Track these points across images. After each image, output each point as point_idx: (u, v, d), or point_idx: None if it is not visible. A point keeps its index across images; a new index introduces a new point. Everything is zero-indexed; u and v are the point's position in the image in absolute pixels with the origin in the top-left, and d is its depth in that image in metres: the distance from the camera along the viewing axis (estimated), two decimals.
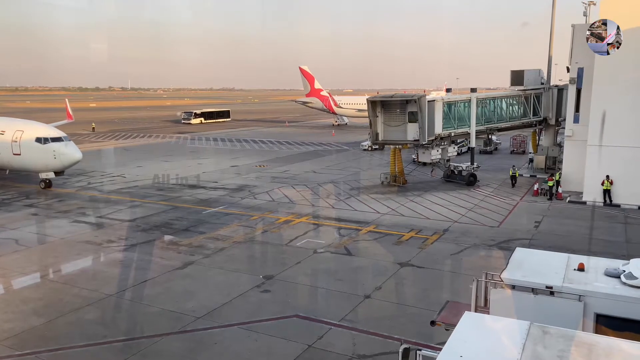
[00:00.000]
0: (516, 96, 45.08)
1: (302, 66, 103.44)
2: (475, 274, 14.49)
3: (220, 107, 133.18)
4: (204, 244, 26.36)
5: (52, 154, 37.98)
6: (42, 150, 37.95)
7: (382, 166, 48.58)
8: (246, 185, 41.52)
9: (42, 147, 37.89)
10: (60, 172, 39.87)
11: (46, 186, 39.64)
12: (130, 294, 20.32)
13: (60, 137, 38.81)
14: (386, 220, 31.11)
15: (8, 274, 22.56)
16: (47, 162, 38.35)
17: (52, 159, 38.09)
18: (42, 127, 40.42)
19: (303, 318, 18.07)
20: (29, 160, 38.72)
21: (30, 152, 38.27)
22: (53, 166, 38.67)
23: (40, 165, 38.75)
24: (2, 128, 39.90)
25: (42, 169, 38.93)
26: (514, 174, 40.40)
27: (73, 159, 38.77)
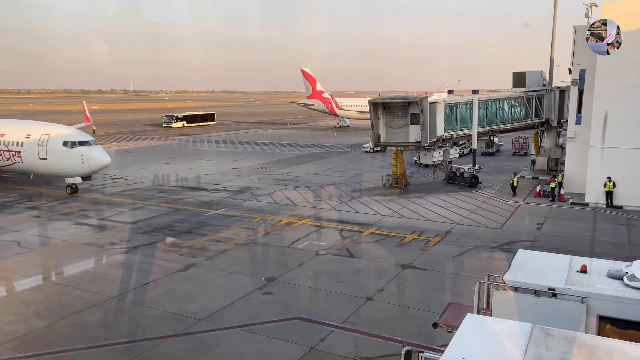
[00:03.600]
0: (518, 98, 45.03)
1: (304, 68, 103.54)
2: (477, 275, 14.47)
3: (205, 110, 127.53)
4: (206, 246, 26.36)
5: (79, 158, 36.54)
6: (70, 155, 36.56)
7: (384, 168, 48.56)
8: (248, 187, 41.53)
9: (70, 151, 36.50)
10: (87, 177, 38.43)
11: (72, 191, 38.36)
12: (132, 296, 20.32)
13: (88, 141, 37.45)
14: (388, 222, 31.07)
15: (10, 276, 22.58)
16: (74, 167, 36.95)
17: (80, 163, 36.65)
18: (68, 131, 39.13)
19: (305, 320, 18.04)
20: (56, 165, 37.39)
21: (57, 157, 36.95)
22: (80, 171, 37.21)
23: (68, 170, 37.32)
24: (28, 131, 38.89)
25: (69, 173, 37.49)
26: (513, 182, 38.36)
27: (101, 164, 37.34)
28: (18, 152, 38.71)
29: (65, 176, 38.03)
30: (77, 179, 37.88)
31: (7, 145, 39.42)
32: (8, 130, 40.52)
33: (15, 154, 38.90)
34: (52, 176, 40.15)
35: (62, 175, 38.41)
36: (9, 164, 39.91)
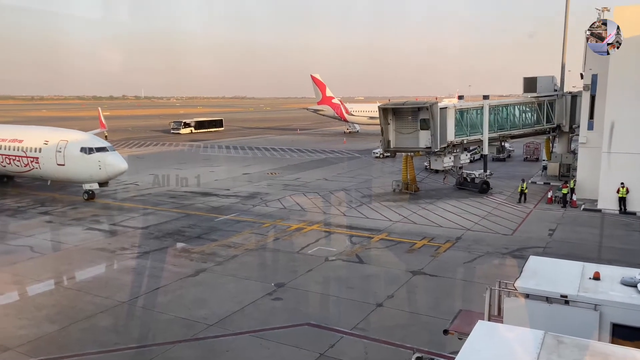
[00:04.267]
0: (529, 103, 44.77)
1: (313, 74, 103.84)
2: (488, 282, 14.36)
3: (214, 116, 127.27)
4: (216, 252, 26.43)
5: (97, 165, 36.62)
6: (87, 161, 36.63)
7: (394, 174, 48.44)
8: (258, 193, 41.63)
9: (87, 157, 36.57)
10: (104, 183, 38.57)
11: (89, 197, 38.54)
12: (143, 301, 20.41)
13: (105, 147, 37.62)
14: (398, 228, 30.96)
15: (23, 280, 22.79)
16: (92, 173, 37.03)
17: (97, 169, 36.73)
18: (86, 137, 39.38)
19: (314, 326, 18.00)
20: (74, 171, 37.45)
21: (74, 163, 37.00)
22: (98, 177, 37.35)
23: (85, 176, 37.43)
24: (46, 138, 39.08)
25: (87, 179, 37.60)
26: (523, 189, 37.65)
27: (118, 170, 37.45)
28: (36, 158, 38.92)
29: (83, 182, 38.13)
30: (94, 185, 38.00)
31: (25, 152, 39.62)
32: (26, 137, 40.79)
33: (33, 160, 39.12)
34: (70, 182, 40.30)
35: (79, 182, 38.52)
36: (27, 170, 40.15)
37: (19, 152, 39.98)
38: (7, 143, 40.89)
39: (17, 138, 40.82)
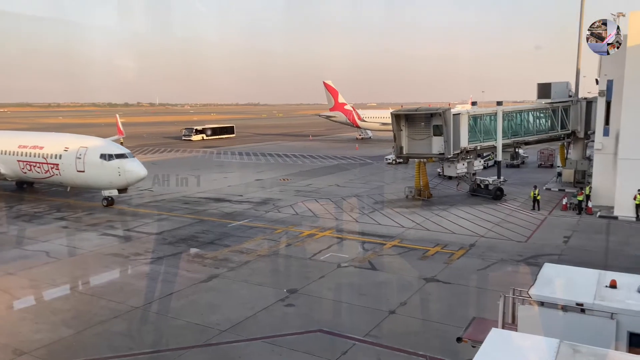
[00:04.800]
0: (543, 109, 44.42)
1: (326, 81, 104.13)
2: (502, 290, 14.23)
3: (226, 123, 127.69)
4: (229, 257, 26.54)
5: (116, 171, 36.79)
6: (107, 167, 36.80)
7: (407, 180, 48.29)
8: (270, 199, 41.75)
9: (107, 163, 36.76)
10: (123, 190, 38.69)
11: (108, 204, 38.75)
12: (156, 307, 20.55)
13: (125, 154, 37.84)
14: (411, 234, 30.83)
15: (39, 285, 23.09)
16: (111, 179, 37.19)
17: (117, 176, 36.90)
18: (106, 144, 39.77)
19: (327, 333, 17.97)
20: (93, 177, 37.62)
21: (94, 169, 37.16)
22: (117, 183, 37.53)
23: (105, 183, 37.62)
24: (66, 144, 39.46)
25: (106, 186, 37.80)
26: (535, 196, 36.96)
27: (138, 176, 37.53)
28: (56, 164, 39.20)
29: (102, 189, 38.32)
30: (114, 192, 38.15)
31: (45, 158, 39.96)
32: (47, 143, 41.18)
33: (53, 166, 39.45)
34: (89, 188, 40.64)
35: (99, 188, 38.72)
36: (47, 176, 40.51)
37: (39, 158, 40.35)
38: (28, 150, 41.34)
39: (37, 145, 41.23)
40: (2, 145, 43.50)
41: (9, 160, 42.26)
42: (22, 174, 42.61)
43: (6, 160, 42.51)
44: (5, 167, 42.63)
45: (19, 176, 43.40)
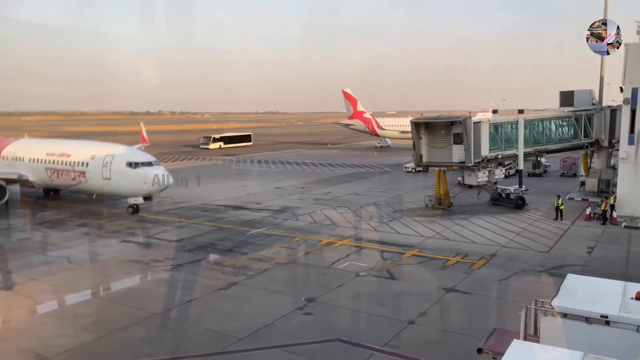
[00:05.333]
0: (566, 117, 43.79)
1: (345, 89, 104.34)
2: (524, 300, 13.98)
3: (241, 131, 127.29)
4: (247, 265, 26.61)
5: (142, 179, 36.84)
6: (133, 175, 36.88)
7: (426, 188, 47.94)
8: (289, 207, 41.83)
9: (133, 171, 36.81)
10: (149, 198, 38.65)
11: (134, 212, 38.75)
12: (176, 313, 20.68)
13: (151, 162, 37.90)
14: (431, 243, 30.55)
15: (61, 290, 23.44)
16: (137, 187, 37.21)
17: (143, 184, 36.89)
18: (132, 151, 39.95)
19: (345, 342, 17.85)
20: (119, 185, 37.69)
21: (120, 177, 37.20)
22: (143, 191, 37.51)
23: (130, 191, 37.68)
24: (93, 152, 39.76)
25: (132, 194, 37.86)
26: (558, 205, 36.51)
27: (164, 184, 37.41)
28: (83, 172, 39.43)
29: (128, 196, 38.45)
30: (139, 199, 38.25)
31: (72, 166, 40.26)
32: (74, 151, 41.61)
33: (80, 174, 39.67)
34: (115, 196, 40.92)
35: (124, 196, 38.87)
36: (74, 184, 40.83)
37: (66, 166, 40.69)
38: (55, 157, 41.85)
39: (65, 152, 41.67)
40: (30, 153, 44.23)
41: (37, 168, 42.87)
42: (49, 182, 43.19)
43: (34, 168, 43.14)
44: (34, 174, 43.20)
45: (47, 184, 44.02)
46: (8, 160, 45.27)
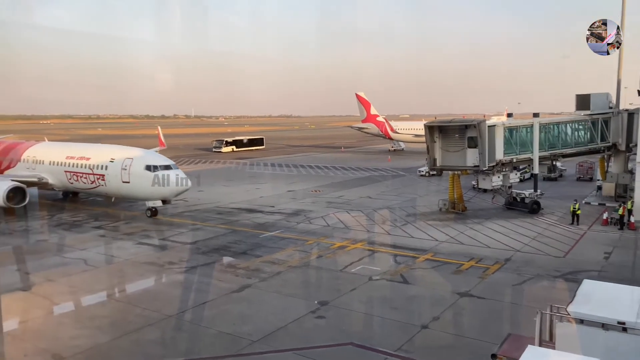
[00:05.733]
0: (582, 121, 43.31)
1: (358, 92, 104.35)
2: (539, 306, 13.85)
3: (255, 135, 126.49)
4: (261, 268, 26.70)
5: (161, 182, 36.95)
6: (152, 178, 37.00)
7: (440, 192, 47.72)
8: (302, 210, 41.89)
9: (152, 175, 36.99)
10: (167, 201, 39.06)
11: (152, 214, 38.96)
12: (190, 316, 20.82)
13: (169, 165, 38.11)
14: (444, 248, 30.38)
15: (77, 291, 23.75)
16: (155, 190, 37.35)
17: (162, 187, 37.09)
18: (151, 154, 40.27)
19: (358, 346, 17.82)
20: (138, 188, 37.90)
21: (139, 180, 37.45)
22: (161, 194, 37.75)
23: (149, 194, 37.78)
24: (112, 155, 40.16)
25: (151, 197, 38.02)
26: (575, 210, 36.06)
27: (182, 187, 37.82)
28: (102, 175, 39.77)
29: (147, 199, 38.70)
30: (158, 203, 38.49)
31: (91, 169, 40.63)
32: (93, 154, 41.97)
33: (99, 177, 40.01)
34: (134, 199, 41.24)
35: (143, 199, 39.10)
36: (93, 187, 41.18)
37: (86, 169, 41.04)
38: (75, 160, 42.22)
39: (84, 156, 42.02)
40: (50, 156, 44.81)
41: (57, 171, 43.36)
42: (69, 185, 43.63)
43: (54, 171, 43.63)
44: (53, 177, 43.68)
45: (66, 186, 44.45)
46: (28, 163, 45.91)
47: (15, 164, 46.89)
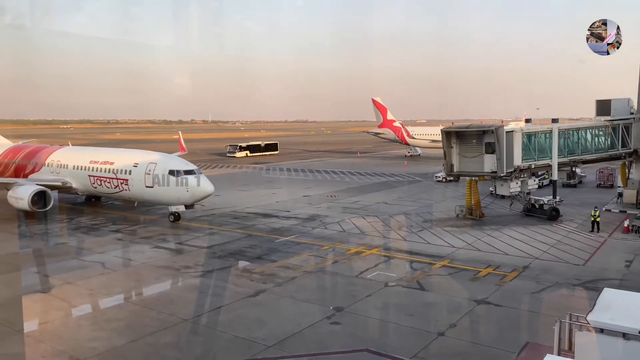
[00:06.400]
0: (602, 127, 42.68)
1: (374, 98, 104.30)
2: (557, 314, 13.62)
3: (268, 140, 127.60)
4: (276, 273, 26.72)
5: (184, 187, 36.95)
6: (176, 183, 36.99)
7: (457, 198, 47.33)
8: (317, 215, 41.88)
9: (176, 179, 36.95)
10: (190, 206, 38.73)
11: (175, 219, 38.87)
12: (205, 320, 20.90)
13: (193, 170, 38.03)
14: (461, 254, 30.09)
15: (95, 294, 24.02)
16: (179, 195, 37.33)
17: (185, 192, 37.06)
18: (175, 160, 40.16)
19: (373, 353, 17.69)
20: (162, 193, 37.83)
21: (163, 185, 37.36)
22: (185, 199, 37.66)
23: (172, 199, 37.78)
24: (136, 160, 40.31)
25: (174, 202, 37.96)
26: (595, 217, 35.32)
27: (205, 193, 37.60)
28: (126, 180, 39.90)
29: (170, 204, 38.55)
30: (181, 207, 38.36)
31: (115, 174, 40.79)
32: (117, 159, 42.29)
33: (123, 181, 40.18)
34: (157, 204, 41.33)
35: (166, 204, 38.95)
36: (116, 191, 41.39)
37: (109, 173, 41.16)
38: (98, 165, 42.49)
39: (108, 160, 42.29)
40: (74, 161, 45.19)
41: (81, 175, 43.71)
42: (92, 189, 43.83)
43: (78, 175, 43.99)
44: (77, 181, 44.05)
45: (90, 191, 44.70)
46: (53, 167, 46.42)
47: (39, 168, 47.47)
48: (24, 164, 49.05)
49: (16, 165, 49.72)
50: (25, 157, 49.90)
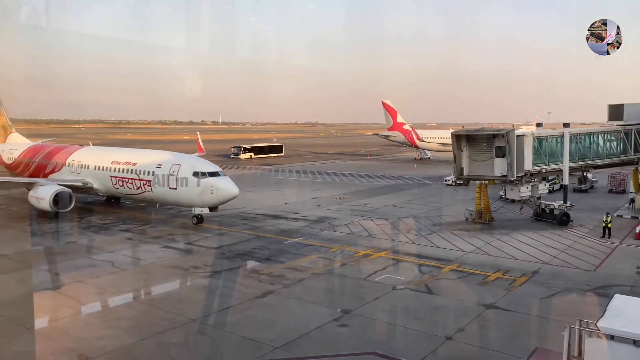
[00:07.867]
0: (615, 132, 42.31)
1: (384, 100, 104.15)
2: (567, 320, 13.51)
3: (273, 142, 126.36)
4: (284, 274, 26.75)
5: (209, 189, 36.17)
6: (200, 185, 36.32)
7: (467, 202, 47.10)
8: (326, 217, 41.87)
9: (200, 181, 36.26)
10: (214, 208, 37.70)
11: (198, 222, 38.22)
12: (213, 320, 20.97)
13: (217, 172, 37.29)
14: (470, 258, 29.94)
15: (104, 293, 24.18)
16: (203, 197, 36.53)
17: (209, 194, 36.25)
18: (199, 161, 39.35)
19: (381, 356, 17.65)
20: (185, 195, 37.11)
21: (187, 186, 36.68)
22: (209, 201, 36.76)
23: (197, 201, 36.94)
24: (159, 161, 39.29)
25: (198, 204, 37.10)
26: (607, 223, 34.90)
27: (230, 195, 36.70)
28: (149, 181, 39.19)
29: (194, 206, 37.87)
30: (205, 210, 37.71)
31: (138, 175, 40.17)
32: (139, 160, 41.63)
33: (145, 183, 39.52)
34: (180, 206, 40.58)
35: (190, 206, 38.27)
36: (139, 192, 40.72)
37: (132, 174, 40.57)
38: (120, 166, 41.94)
39: (130, 161, 41.66)
40: (95, 161, 44.66)
41: (102, 176, 43.16)
42: (114, 190, 43.28)
43: (99, 176, 43.46)
44: (98, 182, 43.57)
45: (111, 191, 44.20)
46: (73, 167, 45.99)
47: (60, 168, 47.14)
48: (44, 164, 48.90)
49: (36, 165, 49.69)
50: (46, 156, 49.64)
